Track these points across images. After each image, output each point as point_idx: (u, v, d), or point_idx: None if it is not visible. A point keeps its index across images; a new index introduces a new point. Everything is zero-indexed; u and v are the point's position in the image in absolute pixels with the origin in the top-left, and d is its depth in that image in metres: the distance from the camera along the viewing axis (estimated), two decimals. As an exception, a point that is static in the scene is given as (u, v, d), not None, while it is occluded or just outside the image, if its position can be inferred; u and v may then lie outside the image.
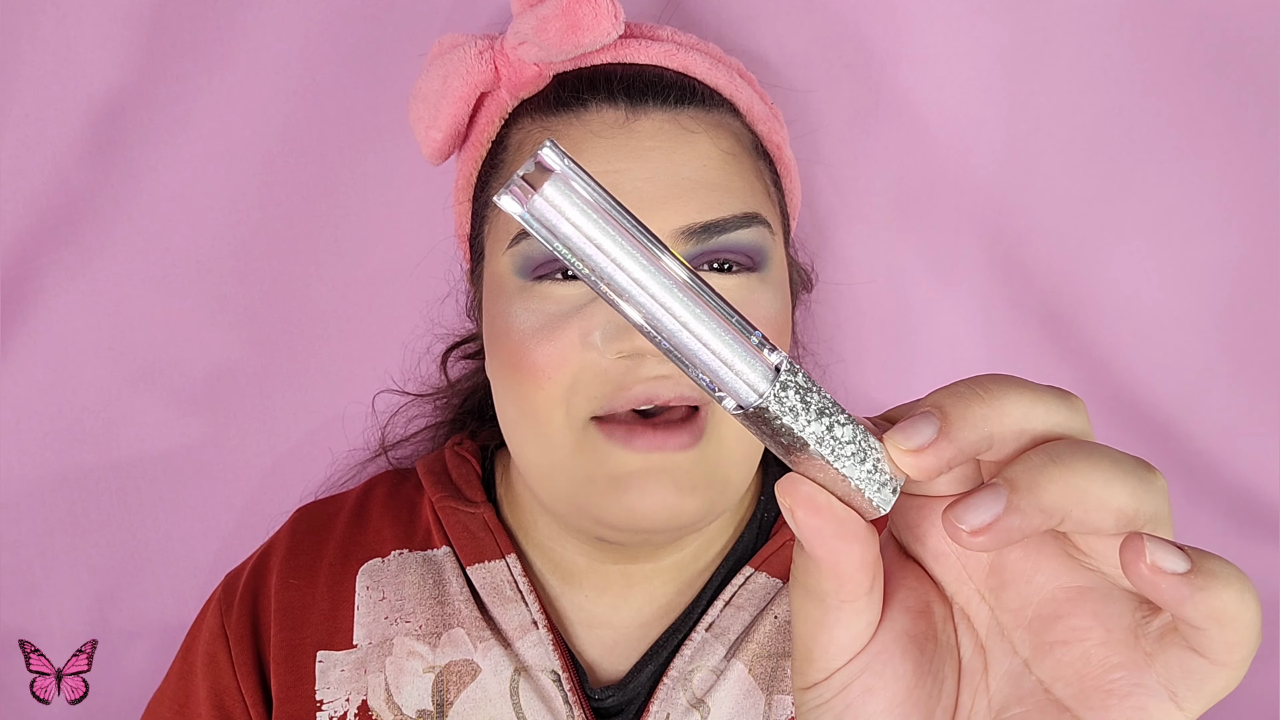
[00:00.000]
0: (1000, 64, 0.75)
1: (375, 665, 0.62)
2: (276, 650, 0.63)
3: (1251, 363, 0.80)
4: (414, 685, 0.61)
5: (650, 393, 0.56)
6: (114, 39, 0.72)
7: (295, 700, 0.61)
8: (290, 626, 0.64)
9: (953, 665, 0.35)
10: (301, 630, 0.63)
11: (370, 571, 0.65)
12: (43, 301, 0.76)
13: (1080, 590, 0.33)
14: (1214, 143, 0.76)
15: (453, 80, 0.60)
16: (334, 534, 0.68)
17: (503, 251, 0.59)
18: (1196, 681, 0.30)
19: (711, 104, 0.61)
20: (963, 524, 0.29)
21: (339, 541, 0.67)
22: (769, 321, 0.59)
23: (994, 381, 0.31)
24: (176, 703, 0.66)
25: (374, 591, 0.64)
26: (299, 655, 0.63)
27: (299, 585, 0.65)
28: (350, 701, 0.61)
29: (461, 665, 0.61)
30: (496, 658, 0.61)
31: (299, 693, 0.61)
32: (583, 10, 0.55)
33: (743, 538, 0.67)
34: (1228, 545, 0.83)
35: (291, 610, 0.64)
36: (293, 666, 0.62)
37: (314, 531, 0.69)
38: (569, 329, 0.57)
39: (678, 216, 0.56)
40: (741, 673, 0.60)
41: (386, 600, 0.64)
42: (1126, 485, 0.29)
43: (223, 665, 0.64)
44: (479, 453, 0.72)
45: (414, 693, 0.61)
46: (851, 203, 0.79)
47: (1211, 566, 0.29)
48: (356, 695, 0.61)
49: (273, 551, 0.68)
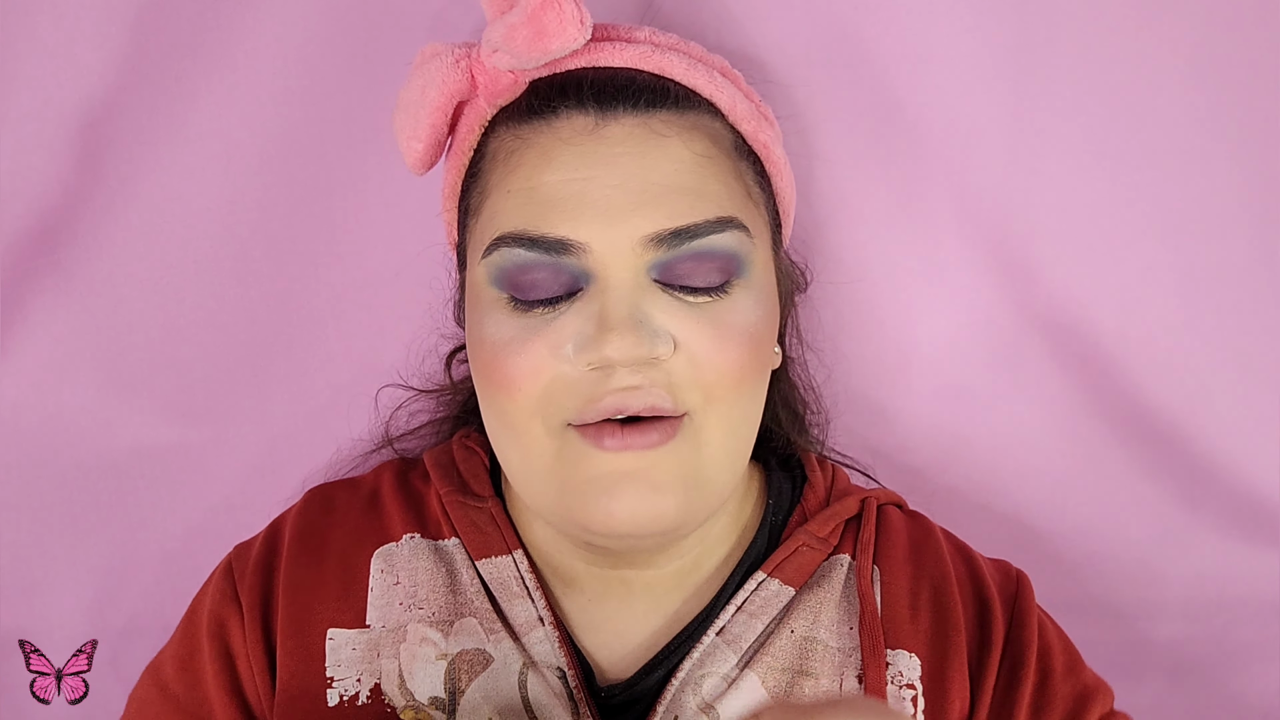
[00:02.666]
0: (1002, 63, 0.74)
1: (389, 651, 0.62)
2: (285, 625, 0.63)
3: (1253, 365, 0.79)
4: (427, 672, 0.61)
5: (620, 403, 0.56)
6: (112, 40, 0.72)
7: (304, 676, 0.61)
8: (300, 603, 0.63)
9: None
10: (312, 606, 0.63)
11: (385, 555, 0.65)
12: (41, 302, 0.76)
13: None
14: (1216, 144, 0.75)
15: (430, 90, 0.60)
16: (347, 515, 0.68)
17: (478, 261, 0.60)
18: None
19: (686, 105, 0.60)
20: None
21: (353, 524, 0.67)
22: (749, 328, 0.59)
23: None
24: (179, 660, 0.65)
25: (388, 575, 0.64)
26: (308, 631, 0.62)
27: (309, 563, 0.65)
28: (362, 683, 0.61)
29: (474, 655, 0.61)
30: (507, 650, 0.61)
31: (309, 669, 0.61)
32: (548, 17, 0.55)
33: (755, 542, 0.67)
34: (1230, 548, 0.83)
35: (302, 587, 0.64)
36: (302, 642, 0.62)
37: (326, 513, 0.68)
38: (540, 341, 0.57)
39: (647, 223, 0.56)
40: (755, 684, 0.60)
41: (401, 585, 0.64)
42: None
43: (232, 629, 0.64)
44: (486, 445, 0.72)
45: (427, 679, 0.61)
46: (851, 203, 0.79)
47: None
48: (369, 678, 0.61)
49: (283, 527, 0.68)
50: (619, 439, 0.56)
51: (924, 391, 0.83)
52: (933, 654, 0.62)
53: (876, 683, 0.60)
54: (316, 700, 0.61)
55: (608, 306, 0.56)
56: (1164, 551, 0.84)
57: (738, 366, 0.58)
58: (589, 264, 0.56)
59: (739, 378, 0.58)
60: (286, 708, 0.61)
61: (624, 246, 0.56)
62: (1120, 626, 0.86)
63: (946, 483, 0.84)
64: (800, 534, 0.66)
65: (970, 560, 0.68)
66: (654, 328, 0.56)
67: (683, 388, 0.57)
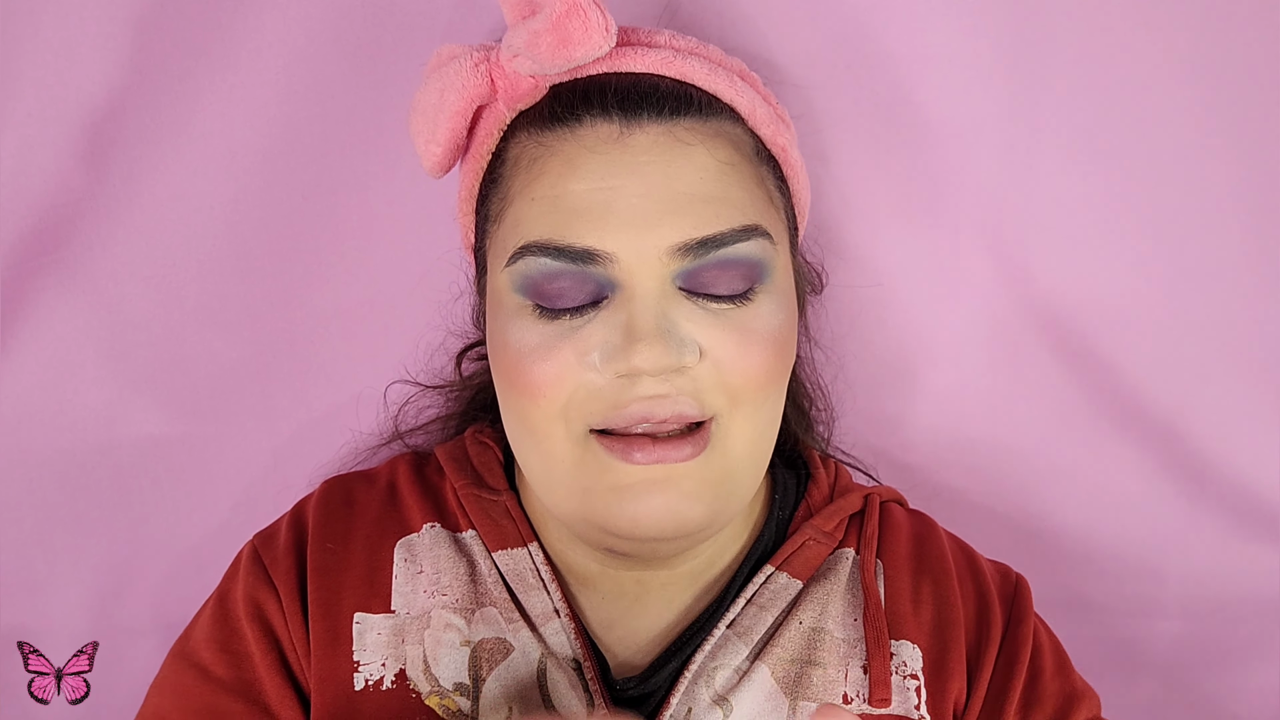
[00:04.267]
0: (1004, 64, 0.74)
1: (414, 637, 0.62)
2: (315, 608, 0.63)
3: (1252, 363, 0.80)
4: (451, 658, 0.61)
5: (647, 411, 0.56)
6: (115, 39, 0.71)
7: (332, 659, 0.61)
8: (327, 587, 0.63)
9: None
10: (339, 591, 0.63)
11: (407, 545, 0.66)
12: (43, 301, 0.76)
13: None
14: (1216, 142, 0.75)
15: (449, 94, 0.60)
16: (368, 505, 0.68)
17: (502, 269, 0.59)
18: None
19: (710, 112, 0.60)
20: None
21: (374, 515, 0.67)
22: (772, 333, 0.59)
23: None
24: (218, 643, 0.64)
25: (412, 565, 0.65)
26: (336, 615, 0.63)
27: (334, 550, 0.65)
28: (387, 668, 0.61)
29: (494, 643, 0.62)
30: (526, 640, 0.61)
31: (337, 651, 0.61)
32: (573, 25, 0.54)
33: (762, 537, 0.68)
34: (1230, 545, 0.83)
35: (328, 571, 0.64)
36: (330, 625, 0.62)
37: (347, 502, 0.69)
38: (567, 348, 0.57)
39: (673, 232, 0.56)
40: (765, 676, 0.61)
41: (425, 574, 0.64)
42: None
43: (271, 612, 0.63)
44: (500, 440, 0.72)
45: (451, 665, 0.61)
46: (854, 204, 0.79)
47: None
48: (394, 663, 0.61)
49: (306, 513, 0.68)
50: (650, 453, 0.56)
51: (926, 391, 0.83)
52: (934, 645, 0.63)
53: (881, 672, 0.61)
54: (343, 684, 0.61)
55: (635, 316, 0.56)
56: (1163, 550, 0.85)
57: (763, 371, 0.58)
58: (615, 273, 0.56)
59: (764, 382, 0.58)
60: (315, 690, 0.61)
61: (650, 256, 0.56)
62: (1120, 625, 0.86)
63: (948, 482, 0.85)
64: (806, 528, 0.67)
65: (971, 558, 0.69)
66: (680, 336, 0.56)
67: (708, 392, 0.57)
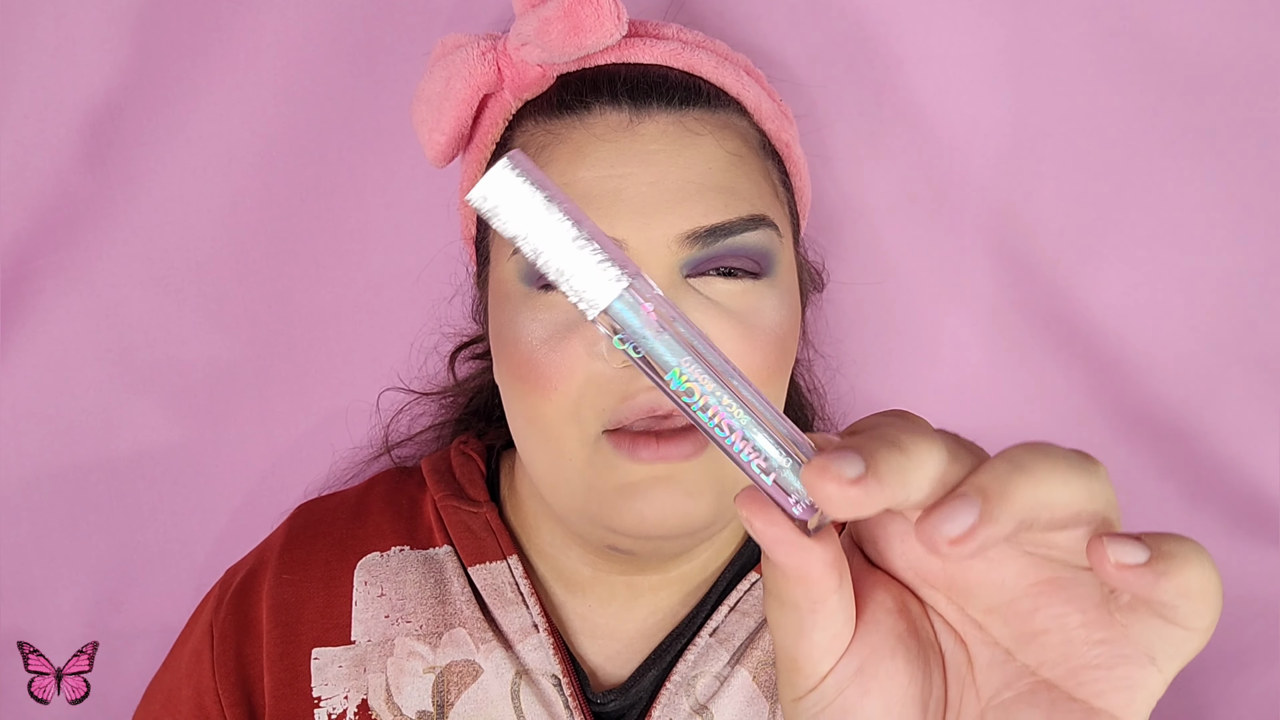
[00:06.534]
0: (1008, 65, 0.75)
1: (376, 665, 0.61)
2: (270, 648, 0.62)
3: (1255, 365, 0.79)
4: (414, 686, 0.60)
5: (655, 401, 0.55)
6: (113, 40, 0.71)
7: (291, 698, 0.61)
8: (284, 624, 0.63)
9: (936, 659, 0.36)
10: (296, 627, 0.63)
11: (368, 566, 0.65)
12: (42, 302, 0.76)
13: (1048, 582, 0.34)
14: (1221, 146, 0.75)
15: (455, 82, 0.60)
16: (331, 529, 0.68)
17: (507, 258, 0.59)
18: (1173, 647, 0.32)
19: (717, 104, 0.60)
20: (940, 535, 0.29)
21: (337, 536, 0.67)
22: (775, 328, 0.59)
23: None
24: (162, 696, 0.66)
25: (372, 587, 0.64)
26: (294, 652, 0.62)
27: (293, 581, 0.65)
28: (349, 699, 0.60)
29: (463, 666, 0.61)
30: (498, 659, 0.61)
31: (295, 690, 0.61)
32: (585, 12, 0.54)
33: (747, 544, 0.67)
34: (1232, 547, 0.83)
35: (286, 607, 0.64)
36: (288, 664, 0.62)
37: (310, 526, 0.68)
38: (576, 338, 0.56)
39: (683, 221, 0.56)
40: (745, 680, 0.60)
41: (386, 598, 0.64)
42: (1083, 484, 0.31)
43: (204, 665, 0.64)
44: (485, 452, 0.72)
45: (414, 693, 0.60)
46: (856, 203, 0.79)
47: (1169, 548, 0.30)
48: (356, 694, 0.61)
49: (269, 550, 0.68)
50: (653, 450, 0.56)
51: (926, 390, 0.83)
52: None
53: None
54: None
55: None
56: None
57: (765, 365, 0.58)
58: None
59: (766, 376, 0.58)
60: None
61: (659, 244, 0.56)
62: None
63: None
64: None
65: None
66: None
67: None
